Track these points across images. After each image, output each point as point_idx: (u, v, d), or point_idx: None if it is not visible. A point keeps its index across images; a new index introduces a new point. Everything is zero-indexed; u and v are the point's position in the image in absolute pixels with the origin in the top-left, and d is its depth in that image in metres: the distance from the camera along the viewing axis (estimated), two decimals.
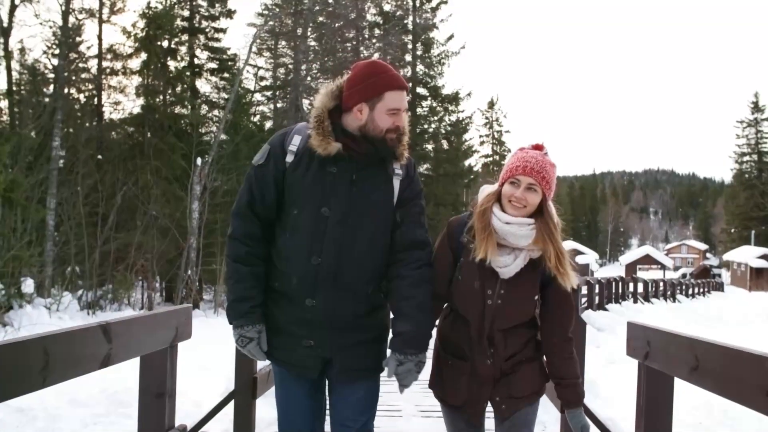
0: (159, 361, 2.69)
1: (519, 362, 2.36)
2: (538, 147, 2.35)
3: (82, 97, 23.88)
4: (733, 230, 63.36)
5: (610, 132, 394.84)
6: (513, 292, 2.29)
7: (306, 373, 2.32)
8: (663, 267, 68.93)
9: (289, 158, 2.26)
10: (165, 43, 23.10)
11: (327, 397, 2.49)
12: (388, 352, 2.32)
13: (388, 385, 6.29)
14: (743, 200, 60.62)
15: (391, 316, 2.37)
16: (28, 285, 12.64)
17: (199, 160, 19.14)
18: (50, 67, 22.71)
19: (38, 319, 12.07)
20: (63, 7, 19.78)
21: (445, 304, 2.49)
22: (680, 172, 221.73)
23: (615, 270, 65.72)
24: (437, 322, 2.50)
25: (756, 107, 62.39)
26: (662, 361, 2.53)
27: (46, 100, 20.42)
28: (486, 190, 2.42)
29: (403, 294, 2.27)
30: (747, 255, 53.67)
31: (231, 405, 4.13)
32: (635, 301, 19.42)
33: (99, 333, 2.14)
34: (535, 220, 2.27)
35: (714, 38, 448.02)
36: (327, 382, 2.44)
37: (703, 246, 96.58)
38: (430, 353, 2.39)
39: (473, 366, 2.34)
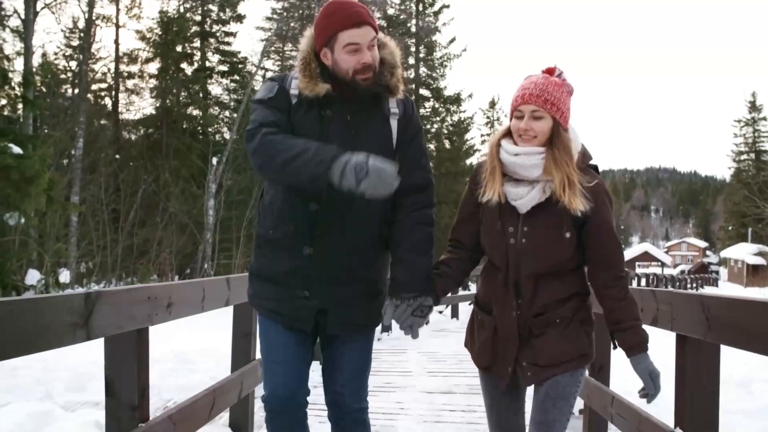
0: (246, 309, 3.76)
1: (552, 323, 2.12)
2: (549, 71, 2.16)
3: (100, 99, 25.00)
4: (730, 228, 64.26)
5: (612, 130, 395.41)
6: (537, 230, 2.10)
7: (298, 325, 2.21)
8: (662, 264, 69.94)
9: (293, 99, 2.15)
10: (179, 48, 24.20)
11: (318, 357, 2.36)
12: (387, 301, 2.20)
13: (400, 354, 7.60)
14: (741, 198, 61.52)
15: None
16: (64, 275, 13.77)
17: (214, 160, 20.29)
18: (63, 67, 23.90)
19: None
20: (86, 15, 20.90)
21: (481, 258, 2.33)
22: (682, 170, 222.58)
23: None
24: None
25: (753, 106, 63.14)
26: (597, 306, 3.62)
27: (60, 101, 21.55)
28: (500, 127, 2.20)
29: (399, 238, 2.19)
30: (743, 252, 54.69)
31: None
32: None
33: (225, 283, 3.27)
34: (546, 149, 2.09)
35: (717, 34, 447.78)
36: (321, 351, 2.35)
37: (702, 243, 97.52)
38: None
39: (499, 320, 2.17)
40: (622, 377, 4.41)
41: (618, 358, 4.45)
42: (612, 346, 2.19)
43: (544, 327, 2.13)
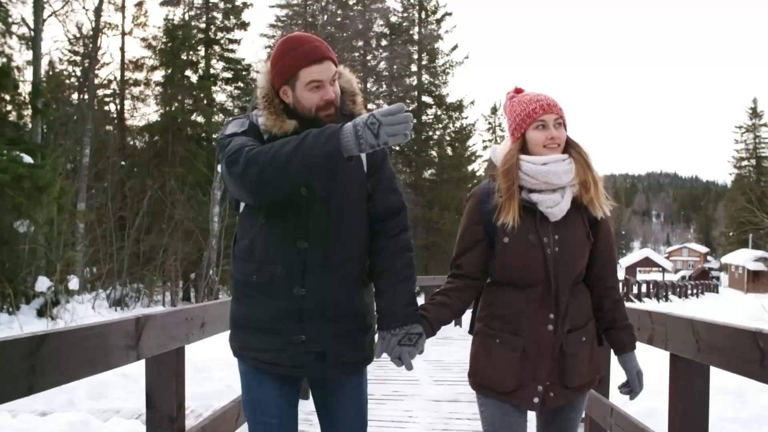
0: None
1: (579, 341, 2.15)
2: (519, 91, 2.26)
3: (104, 105, 25.28)
4: (731, 234, 64.44)
5: (613, 135, 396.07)
6: (567, 235, 2.12)
7: (298, 373, 2.12)
8: (663, 269, 70.08)
9: (265, 135, 2.05)
10: (184, 55, 24.47)
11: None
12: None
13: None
14: (741, 205, 61.67)
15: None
16: (73, 282, 14.00)
17: (219, 167, 20.49)
18: (68, 73, 24.17)
19: (84, 313, 13.46)
20: (93, 24, 21.20)
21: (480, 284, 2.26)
22: (683, 175, 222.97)
23: None
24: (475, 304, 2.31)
25: (754, 113, 63.47)
26: None
27: (67, 108, 21.82)
28: (499, 150, 2.24)
29: (380, 267, 2.13)
30: (744, 258, 54.88)
31: None
32: (627, 300, 20.76)
33: None
34: (568, 155, 2.14)
35: (720, 39, 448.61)
36: (311, 393, 2.25)
37: (703, 249, 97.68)
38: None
39: (531, 338, 2.11)
40: (612, 389, 4.63)
41: (617, 371, 4.69)
42: (598, 342, 2.25)
43: (575, 345, 2.14)
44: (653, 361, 3.62)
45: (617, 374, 4.91)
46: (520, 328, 2.12)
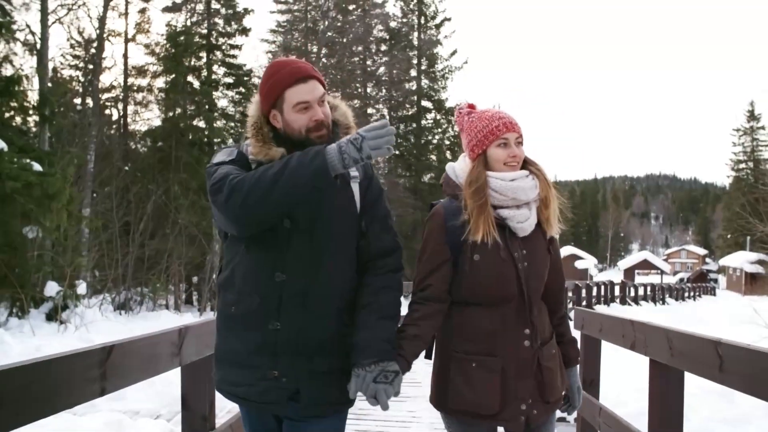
0: None
1: (552, 353, 2.20)
2: (473, 106, 2.31)
3: (106, 109, 25.57)
4: (729, 236, 64.72)
5: (612, 137, 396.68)
6: (533, 250, 2.16)
7: (271, 409, 2.06)
8: (661, 272, 70.32)
9: (253, 165, 2.02)
10: (187, 62, 24.77)
11: None
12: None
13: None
14: (739, 207, 61.89)
15: None
16: (82, 287, 14.26)
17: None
18: (70, 77, 24.45)
19: (93, 317, 13.74)
20: (97, 32, 21.49)
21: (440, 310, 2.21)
22: (682, 177, 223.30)
23: (614, 275, 67.04)
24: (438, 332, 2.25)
25: (752, 116, 63.88)
26: (589, 329, 4.17)
27: (71, 113, 22.09)
28: (459, 168, 2.27)
29: (363, 302, 2.06)
30: (742, 260, 55.15)
31: None
32: (623, 304, 21.04)
33: None
34: (528, 171, 2.18)
35: (719, 41, 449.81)
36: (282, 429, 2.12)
37: (702, 251, 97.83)
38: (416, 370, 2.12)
39: (510, 357, 2.10)
40: (608, 392, 4.94)
41: (608, 374, 4.98)
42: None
43: (550, 359, 2.16)
44: (641, 368, 3.92)
45: (610, 376, 5.20)
46: (496, 347, 2.12)
